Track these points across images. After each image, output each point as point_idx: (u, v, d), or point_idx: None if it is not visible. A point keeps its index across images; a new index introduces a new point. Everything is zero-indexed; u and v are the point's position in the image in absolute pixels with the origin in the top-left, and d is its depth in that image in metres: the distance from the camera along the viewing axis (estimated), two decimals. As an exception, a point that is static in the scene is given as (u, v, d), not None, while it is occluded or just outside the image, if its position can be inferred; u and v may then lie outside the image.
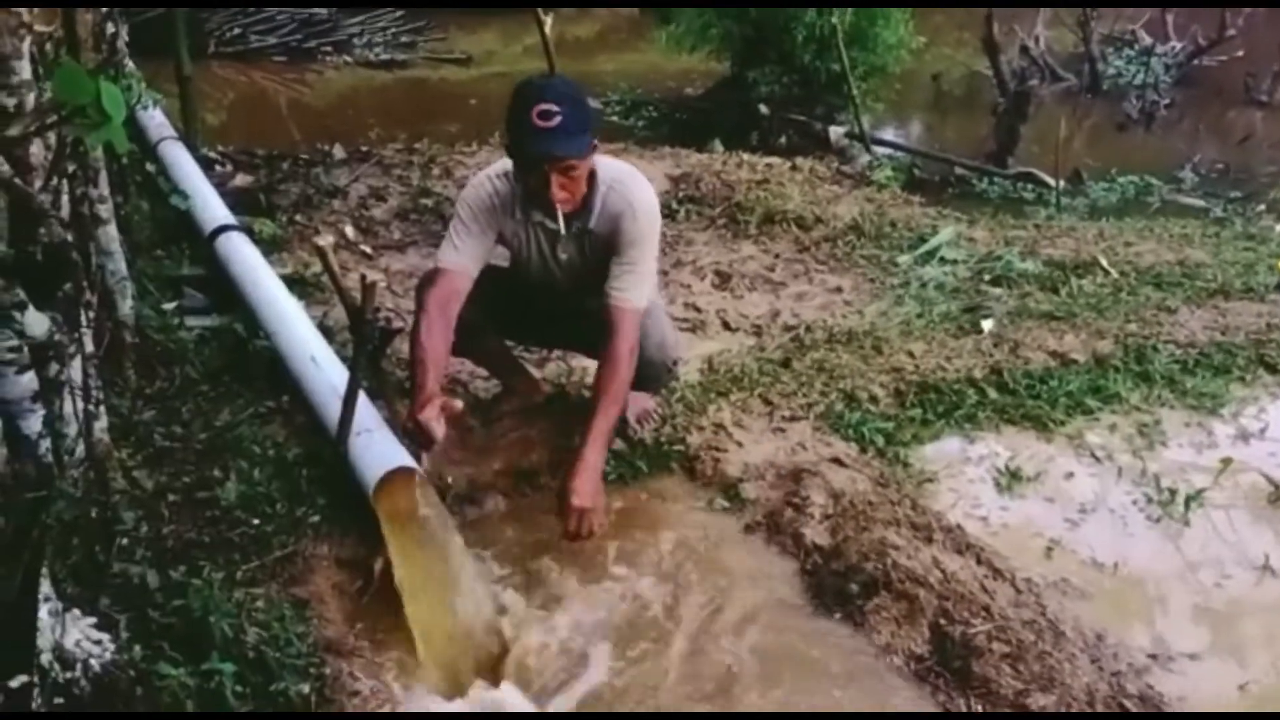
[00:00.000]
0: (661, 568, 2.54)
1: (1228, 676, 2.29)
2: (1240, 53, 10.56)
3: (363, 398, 2.51)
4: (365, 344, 2.48)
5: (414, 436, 2.39)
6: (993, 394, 3.31)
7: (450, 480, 2.69)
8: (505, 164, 2.65)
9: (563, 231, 2.59)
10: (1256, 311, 3.94)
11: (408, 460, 2.38)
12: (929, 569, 2.40)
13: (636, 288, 2.61)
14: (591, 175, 2.59)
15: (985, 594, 2.35)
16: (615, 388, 2.55)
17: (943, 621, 2.27)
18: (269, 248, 3.93)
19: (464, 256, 2.61)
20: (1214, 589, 2.57)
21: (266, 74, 9.38)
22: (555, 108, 2.37)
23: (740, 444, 2.99)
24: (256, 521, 2.31)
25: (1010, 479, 2.93)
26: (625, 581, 2.49)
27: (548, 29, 5.10)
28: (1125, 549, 2.68)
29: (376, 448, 2.42)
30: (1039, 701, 2.05)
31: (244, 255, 3.51)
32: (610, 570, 2.53)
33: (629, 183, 2.65)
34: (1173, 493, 2.87)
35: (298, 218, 4.60)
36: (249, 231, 3.81)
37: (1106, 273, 4.36)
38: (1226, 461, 3.03)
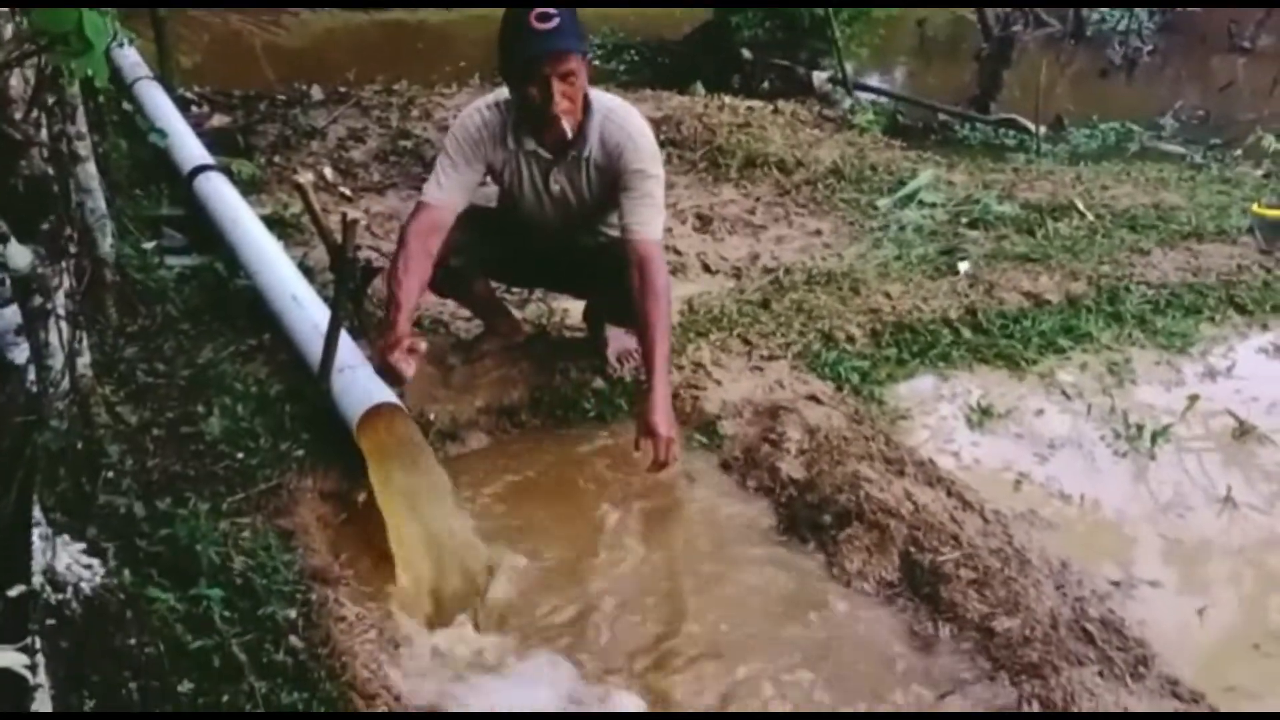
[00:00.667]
0: (637, 504, 2.59)
1: (1187, 603, 2.37)
2: (1224, -3, 10.53)
3: (345, 336, 2.53)
4: (346, 282, 2.50)
5: (384, 376, 2.42)
6: (967, 334, 3.37)
7: (433, 417, 2.72)
8: (495, 95, 2.65)
9: (569, 135, 2.54)
10: (1228, 254, 4.00)
11: (390, 396, 2.41)
12: (900, 500, 2.46)
13: (655, 220, 2.62)
14: (586, 103, 2.58)
15: (954, 524, 2.41)
16: (664, 320, 2.59)
17: (912, 550, 2.34)
18: (247, 188, 3.91)
19: (448, 191, 2.61)
20: (1177, 521, 2.64)
21: (242, 16, 9.23)
22: (552, 11, 2.39)
23: (719, 382, 3.03)
24: (241, 455, 2.34)
25: (982, 415, 2.99)
26: (603, 517, 2.54)
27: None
28: (1092, 483, 2.75)
29: (359, 384, 2.45)
30: (1004, 624, 2.12)
31: (223, 195, 3.50)
32: (588, 507, 2.58)
33: (625, 113, 2.65)
34: (1140, 429, 2.94)
35: (276, 158, 4.58)
36: (227, 171, 3.79)
37: (1082, 215, 4.41)
38: (1194, 399, 3.09)
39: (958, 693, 2.04)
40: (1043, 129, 6.41)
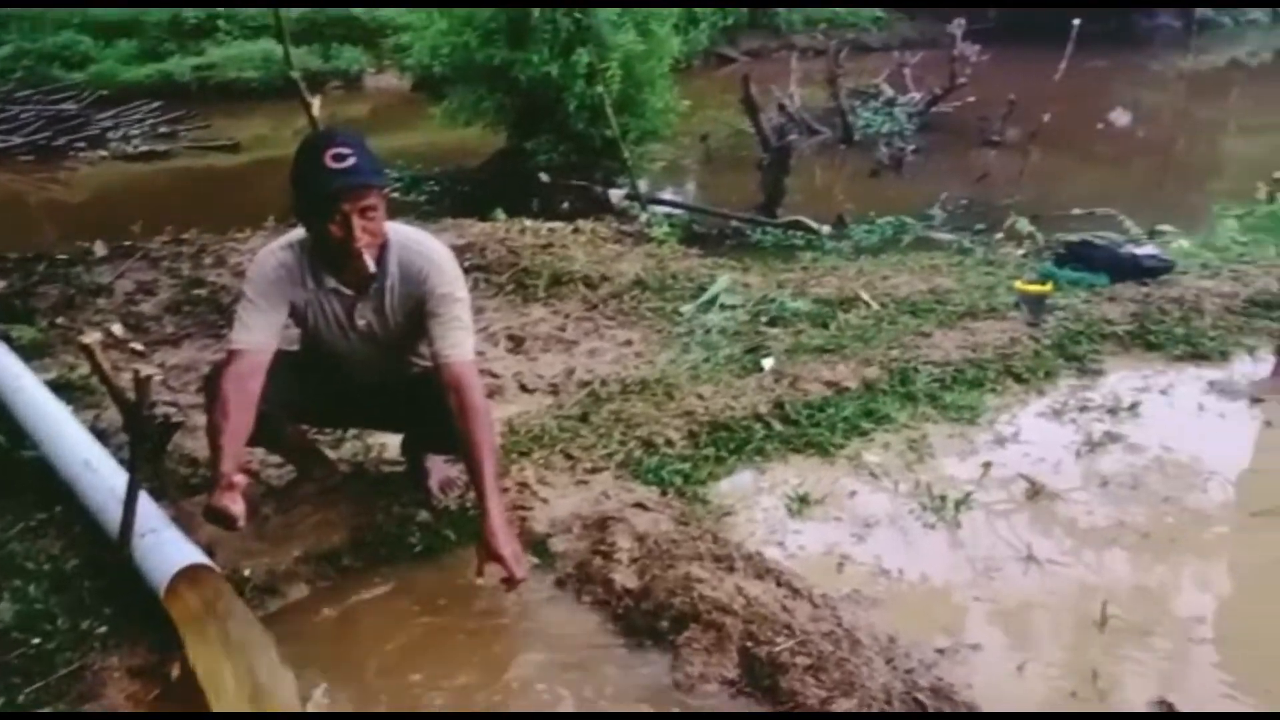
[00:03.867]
0: (474, 634, 2.53)
1: (1007, 660, 2.49)
2: (972, 98, 11.65)
3: (145, 498, 2.42)
4: (143, 441, 2.39)
5: (215, 521, 2.31)
6: (778, 426, 3.51)
7: (247, 572, 2.60)
8: (289, 237, 2.62)
9: (371, 269, 2.53)
10: (1000, 329, 4.35)
11: (199, 557, 2.31)
12: (733, 597, 2.51)
13: (466, 342, 2.61)
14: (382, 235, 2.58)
15: (786, 613, 2.47)
16: (489, 439, 2.55)
17: (749, 644, 2.38)
18: (29, 354, 3.70)
19: (257, 333, 2.54)
20: (989, 582, 2.79)
21: (14, 175, 8.84)
22: (347, 150, 2.41)
23: (545, 500, 3.03)
24: (37, 640, 2.17)
25: (800, 503, 3.11)
26: (438, 652, 2.47)
27: (316, 111, 5.07)
28: (908, 556, 2.88)
29: (164, 548, 2.34)
30: (842, 705, 2.18)
31: (2, 364, 3.29)
32: (421, 644, 2.50)
33: (423, 240, 2.67)
34: (944, 499, 3.11)
35: (59, 320, 4.36)
36: (5, 338, 3.58)
37: (869, 305, 4.72)
38: (987, 466, 3.32)
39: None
40: (826, 228, 6.84)
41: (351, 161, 2.40)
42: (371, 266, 2.53)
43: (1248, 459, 3.47)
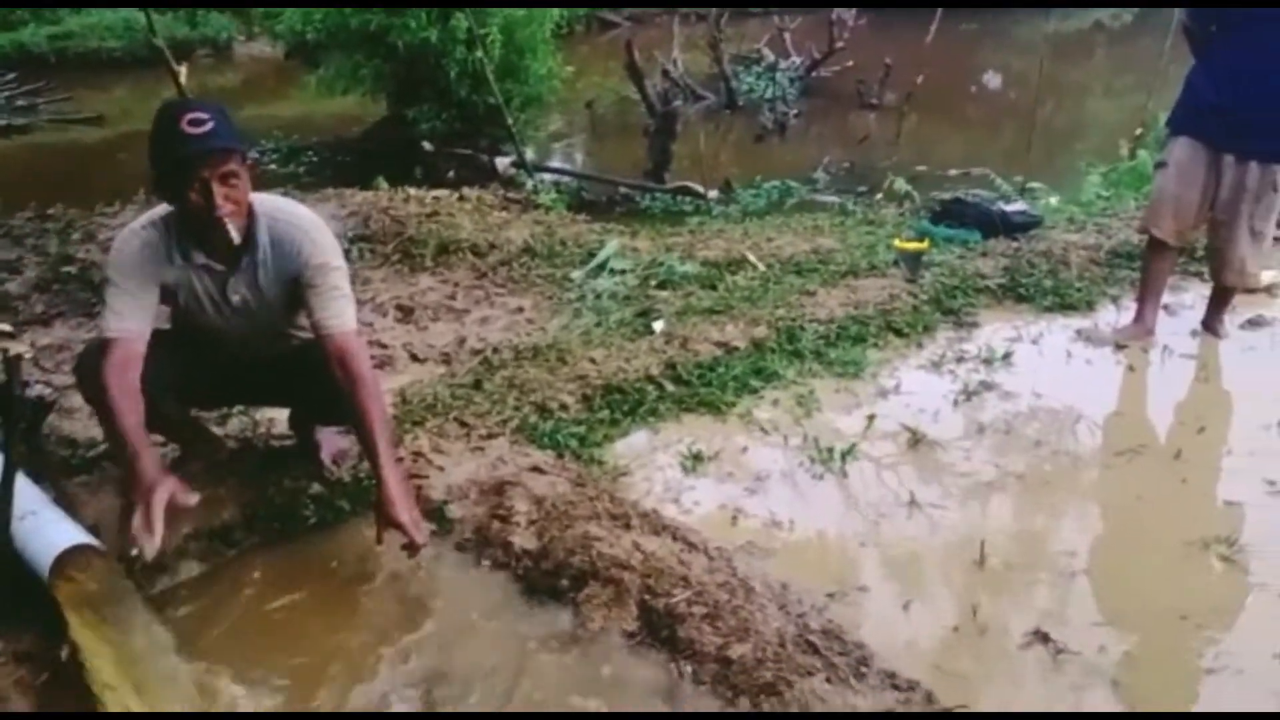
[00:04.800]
0: (374, 603, 2.53)
1: (894, 601, 2.61)
2: (850, 63, 11.90)
3: (23, 479, 2.33)
4: (17, 422, 2.30)
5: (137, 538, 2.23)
6: (670, 387, 3.57)
7: (135, 552, 2.52)
8: (151, 214, 2.53)
9: (236, 239, 2.45)
10: (881, 285, 4.50)
11: (83, 537, 2.25)
12: (630, 553, 2.56)
13: (348, 310, 2.56)
14: (249, 208, 2.52)
15: (683, 566, 2.54)
16: (379, 407, 2.51)
17: (647, 597, 2.43)
18: (-116, 338, 3.51)
19: (128, 319, 2.44)
20: (874, 528, 2.91)
21: None
22: (204, 115, 2.33)
23: (441, 468, 3.02)
24: (-88, 633, 2.08)
25: (694, 461, 3.17)
26: (340, 623, 2.46)
27: (183, 80, 4.89)
28: (798, 507, 2.98)
29: (46, 530, 2.27)
30: (738, 650, 2.25)
31: None
32: (320, 616, 2.48)
33: (292, 210, 2.61)
34: (830, 451, 3.22)
35: (-85, 304, 4.13)
36: None
37: (755, 267, 4.81)
38: (871, 418, 3.44)
39: (705, 723, 2.14)
40: (714, 192, 6.93)
41: (210, 126, 2.32)
42: (236, 237, 2.45)
43: (1113, 402, 3.67)
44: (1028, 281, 4.56)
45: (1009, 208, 5.39)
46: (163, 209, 2.52)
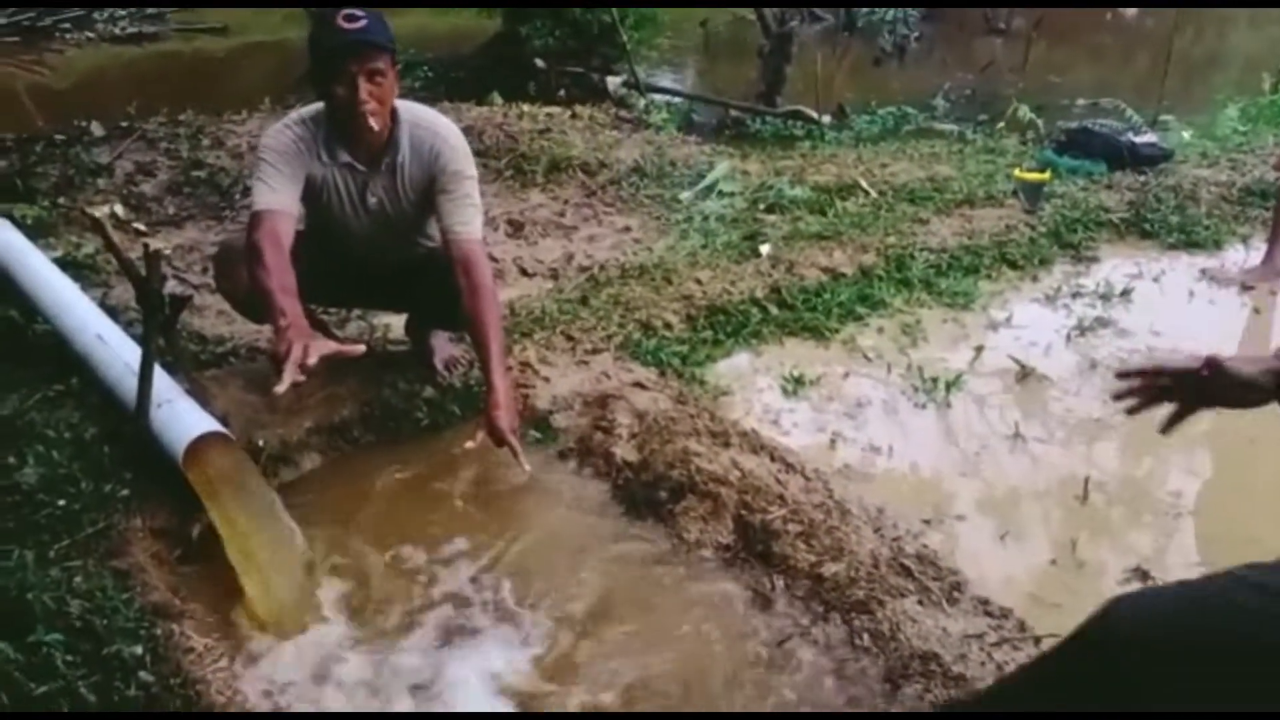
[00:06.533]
0: (479, 502, 2.64)
1: (990, 531, 2.61)
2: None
3: (159, 370, 2.47)
4: (156, 314, 2.43)
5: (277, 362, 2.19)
6: (774, 310, 3.57)
7: (261, 442, 2.68)
8: (302, 111, 2.63)
9: (374, 127, 2.50)
10: (997, 216, 4.39)
11: (215, 425, 2.38)
12: (728, 469, 2.61)
13: (476, 220, 2.64)
14: (393, 112, 2.59)
15: (779, 485, 2.57)
16: (495, 316, 2.60)
17: (744, 513, 2.48)
18: (33, 232, 3.71)
19: (282, 195, 2.52)
20: (975, 460, 2.90)
21: (1, 59, 8.66)
22: (360, 13, 2.43)
23: (547, 379, 3.10)
24: (62, 502, 2.25)
25: (795, 384, 3.19)
26: (448, 519, 2.58)
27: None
28: (898, 435, 2.98)
29: (181, 417, 2.40)
30: (831, 569, 2.29)
31: (9, 241, 3.32)
32: (431, 512, 2.60)
33: (432, 117, 2.68)
34: (935, 381, 3.20)
35: (60, 200, 4.35)
36: (9, 217, 3.59)
37: (866, 193, 4.73)
38: (979, 349, 3.39)
39: (796, 636, 2.19)
40: (827, 117, 6.79)
41: (362, 24, 2.42)
42: (375, 125, 2.52)
43: (1235, 345, 3.55)
44: (1153, 217, 4.40)
45: (1138, 139, 5.18)
46: (312, 109, 2.62)
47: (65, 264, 3.44)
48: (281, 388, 2.12)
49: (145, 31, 9.31)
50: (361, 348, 2.38)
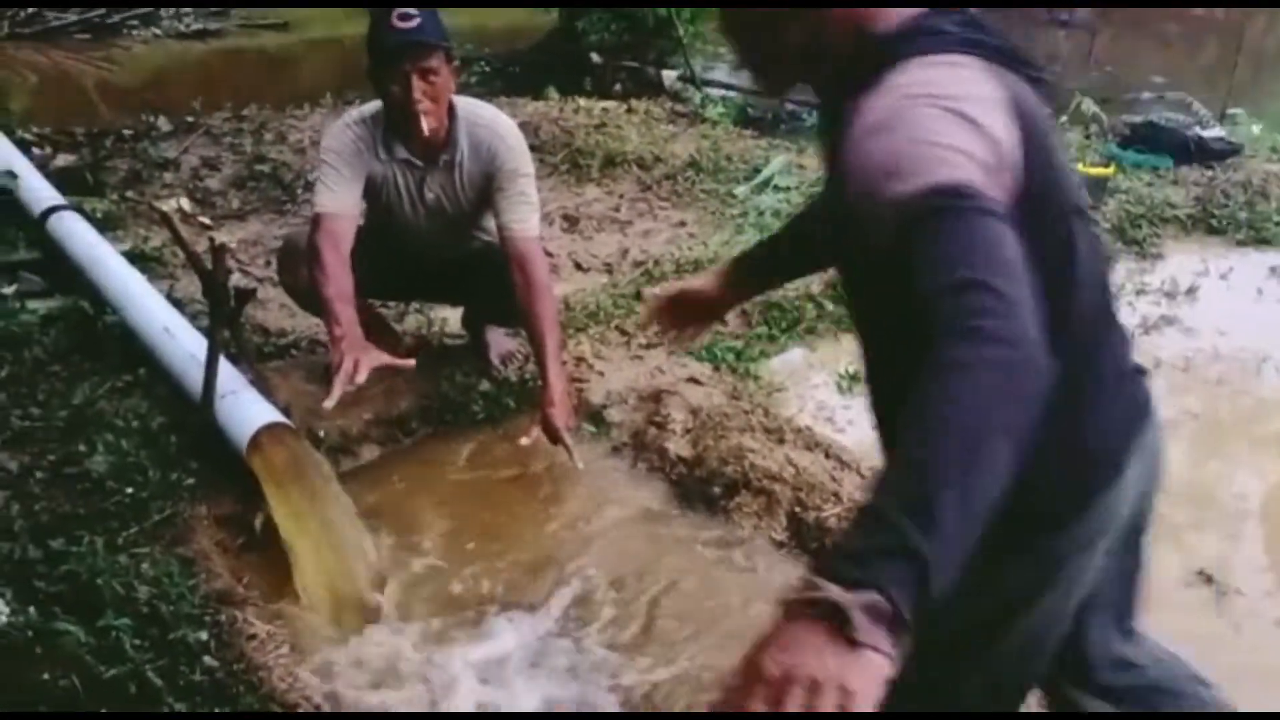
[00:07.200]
0: (535, 496, 2.67)
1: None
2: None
3: (224, 361, 2.53)
4: (221, 307, 2.49)
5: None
6: (829, 306, 3.54)
7: (322, 433, 2.73)
8: (361, 110, 2.67)
9: (425, 131, 2.53)
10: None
11: (278, 416, 2.43)
12: (783, 466, 2.60)
13: (532, 217, 2.67)
14: (451, 108, 2.62)
15: (834, 482, 2.56)
16: (551, 313, 2.65)
17: (798, 510, 2.48)
18: (103, 225, 3.81)
19: (343, 196, 2.58)
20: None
21: (69, 53, 8.87)
22: (414, 12, 2.45)
23: (601, 374, 3.12)
24: (130, 490, 2.32)
25: (850, 381, 3.17)
26: (503, 511, 2.61)
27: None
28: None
29: (245, 408, 2.46)
30: (886, 567, 2.28)
31: (80, 234, 3.41)
32: (487, 504, 2.64)
33: (491, 114, 2.71)
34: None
35: (129, 194, 4.45)
36: (79, 210, 3.69)
37: (926, 187, 4.66)
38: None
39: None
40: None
41: (416, 23, 2.45)
42: (426, 128, 2.54)
43: (1303, 344, 3.45)
44: (1221, 213, 4.29)
45: (1206, 133, 5.05)
46: (371, 106, 2.66)
47: (133, 257, 3.53)
48: (330, 402, 2.26)
49: (209, 28, 9.47)
50: (412, 362, 2.48)
